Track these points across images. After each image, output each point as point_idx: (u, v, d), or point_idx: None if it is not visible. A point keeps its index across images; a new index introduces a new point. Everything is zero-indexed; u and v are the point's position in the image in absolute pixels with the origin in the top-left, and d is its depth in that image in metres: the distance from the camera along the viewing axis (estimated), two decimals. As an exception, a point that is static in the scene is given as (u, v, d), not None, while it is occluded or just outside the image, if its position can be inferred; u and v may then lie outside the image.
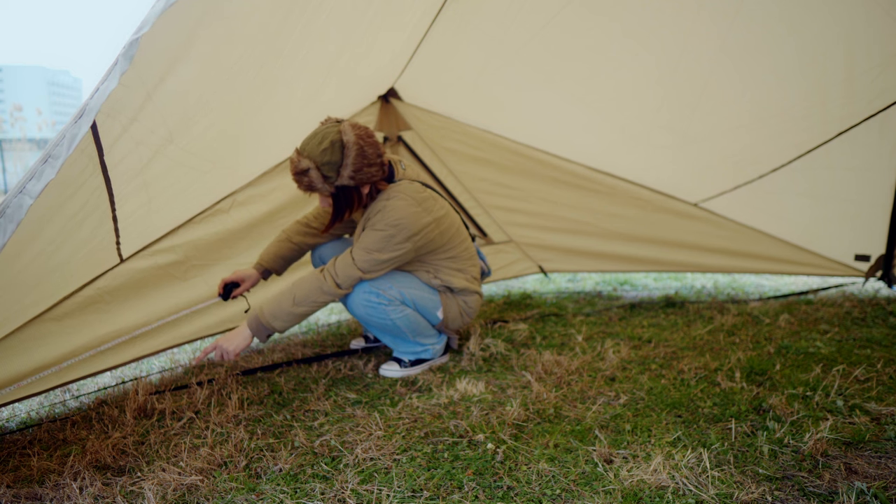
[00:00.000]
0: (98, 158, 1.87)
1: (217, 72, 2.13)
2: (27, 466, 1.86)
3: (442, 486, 1.65)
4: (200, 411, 2.20)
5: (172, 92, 1.96)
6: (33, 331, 2.17)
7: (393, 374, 2.52)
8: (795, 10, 2.63)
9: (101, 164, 1.89)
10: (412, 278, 2.50)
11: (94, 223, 2.06)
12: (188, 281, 2.66)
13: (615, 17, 2.82)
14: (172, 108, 2.03)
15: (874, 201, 3.29)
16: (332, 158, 2.19)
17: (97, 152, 1.85)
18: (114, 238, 2.21)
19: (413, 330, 2.50)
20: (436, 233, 2.42)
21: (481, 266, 2.76)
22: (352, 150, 2.19)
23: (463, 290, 2.57)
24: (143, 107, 1.89)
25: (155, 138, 2.04)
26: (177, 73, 1.90)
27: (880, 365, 2.37)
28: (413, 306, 2.48)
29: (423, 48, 3.03)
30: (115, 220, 2.13)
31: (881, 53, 2.69)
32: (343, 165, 2.20)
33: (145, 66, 1.76)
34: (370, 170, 2.24)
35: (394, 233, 2.28)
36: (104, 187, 1.97)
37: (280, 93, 2.61)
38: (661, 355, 2.60)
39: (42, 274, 1.99)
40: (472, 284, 2.61)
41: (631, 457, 1.75)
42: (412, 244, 2.34)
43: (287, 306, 2.28)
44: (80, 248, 2.08)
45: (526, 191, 3.64)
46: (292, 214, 3.03)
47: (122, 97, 1.79)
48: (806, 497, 1.54)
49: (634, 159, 3.46)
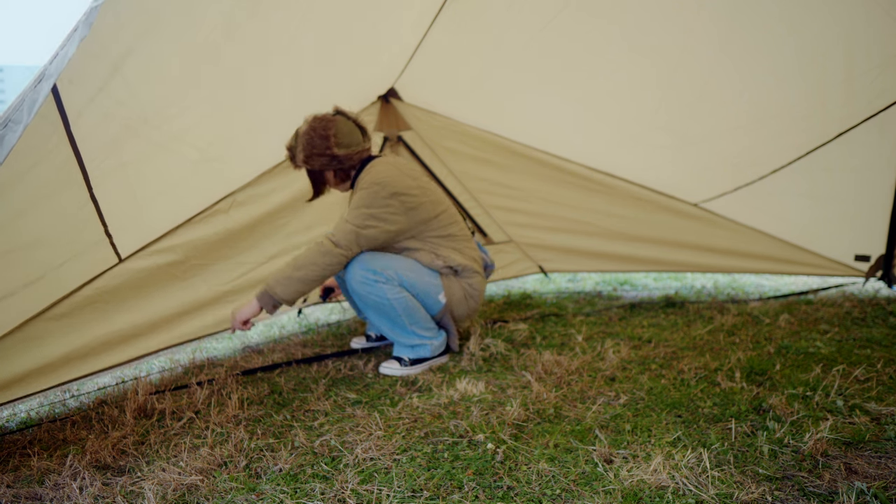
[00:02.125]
0: (64, 128, 1.84)
1: (200, 57, 2.12)
2: (27, 466, 1.86)
3: (442, 486, 1.65)
4: (200, 411, 2.20)
5: (144, 67, 1.94)
6: (32, 330, 2.16)
7: (393, 373, 2.52)
8: (795, 10, 2.63)
9: (68, 134, 1.86)
10: (412, 262, 2.54)
11: (72, 200, 2.03)
12: (187, 281, 2.66)
13: (614, 20, 2.82)
14: (144, 85, 2.00)
15: (874, 201, 3.29)
16: (291, 144, 2.56)
17: (62, 121, 1.82)
18: (101, 227, 2.18)
19: (410, 316, 2.51)
20: (424, 200, 2.53)
21: (483, 258, 2.80)
22: (301, 139, 2.51)
23: (466, 269, 2.61)
24: (110, 77, 1.86)
25: (124, 111, 2.00)
26: (147, 47, 1.89)
27: (880, 365, 2.37)
28: (412, 290, 2.51)
29: (423, 48, 3.03)
30: (96, 202, 2.09)
31: (881, 54, 2.69)
32: (298, 151, 2.53)
33: (109, 35, 1.74)
34: (320, 159, 2.51)
35: (377, 189, 2.44)
36: (74, 160, 1.93)
37: (277, 91, 2.61)
38: (661, 355, 2.60)
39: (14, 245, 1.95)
40: (474, 264, 2.65)
41: (631, 457, 1.75)
42: (399, 203, 2.46)
43: (288, 271, 2.38)
44: (58, 223, 2.04)
45: (526, 191, 3.64)
46: (292, 215, 3.03)
47: (85, 65, 1.76)
48: (806, 497, 1.54)
49: (634, 160, 3.46)
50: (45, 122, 1.78)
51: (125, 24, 1.79)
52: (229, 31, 2.14)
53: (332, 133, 2.49)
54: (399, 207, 2.47)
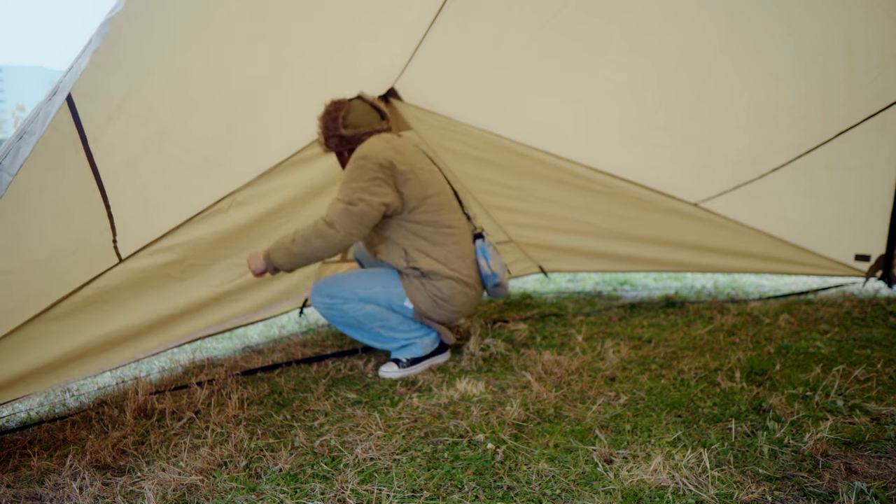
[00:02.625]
0: (81, 143, 1.85)
1: (213, 68, 2.12)
2: (27, 466, 1.86)
3: (442, 486, 1.65)
4: (200, 411, 2.20)
5: (162, 84, 1.95)
6: (32, 331, 2.17)
7: (392, 375, 2.51)
8: (795, 10, 2.63)
9: (86, 150, 1.87)
10: (370, 275, 2.58)
11: (87, 216, 2.04)
12: (186, 281, 2.66)
13: (614, 19, 2.82)
14: (163, 101, 2.01)
15: (874, 201, 3.29)
16: (318, 127, 2.66)
17: (79, 137, 1.83)
18: (111, 235, 2.20)
19: (383, 324, 2.54)
20: (412, 177, 2.48)
21: (483, 266, 2.62)
22: (320, 123, 2.62)
23: (432, 272, 2.50)
24: (129, 95, 1.87)
25: (144, 130, 2.02)
26: (165, 64, 1.89)
27: (880, 365, 2.37)
28: (373, 302, 2.52)
29: (423, 48, 3.03)
30: (111, 218, 2.12)
31: (881, 54, 2.69)
32: (319, 134, 2.64)
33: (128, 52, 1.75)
34: (334, 140, 2.60)
35: (363, 163, 2.43)
36: (92, 176, 1.94)
37: (278, 92, 2.61)
38: (661, 355, 2.60)
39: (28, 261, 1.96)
40: (443, 268, 2.52)
41: (631, 457, 1.75)
42: (385, 176, 2.44)
43: (286, 242, 2.43)
44: (73, 239, 2.05)
45: (526, 191, 3.64)
46: (292, 215, 3.03)
47: (102, 80, 1.77)
48: (806, 497, 1.54)
49: (634, 159, 3.46)
50: (61, 135, 1.79)
51: (143, 40, 1.79)
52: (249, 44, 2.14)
53: (342, 115, 2.57)
54: (385, 179, 2.43)
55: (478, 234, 2.68)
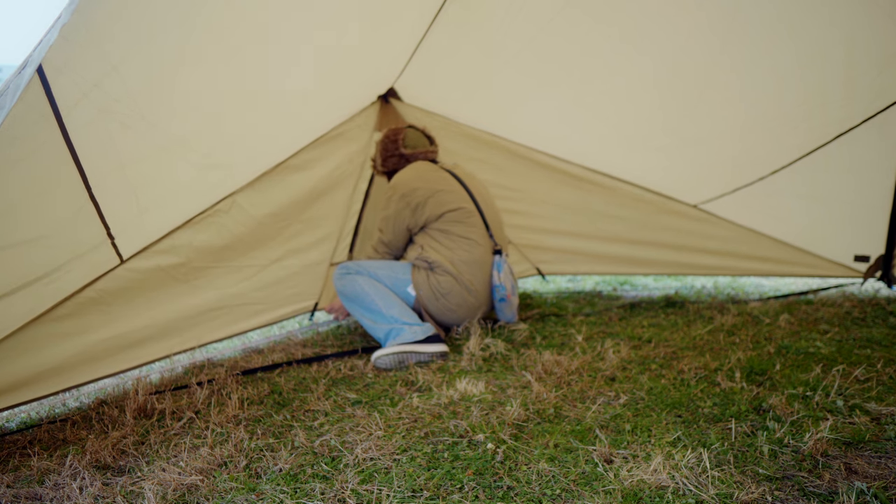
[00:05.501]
0: (56, 120, 1.82)
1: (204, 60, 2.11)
2: (27, 466, 1.86)
3: (442, 486, 1.65)
4: (200, 411, 2.20)
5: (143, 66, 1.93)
6: (33, 333, 2.16)
7: (383, 353, 2.59)
8: (795, 11, 2.63)
9: (61, 127, 1.84)
10: (383, 262, 2.93)
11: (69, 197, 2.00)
12: (190, 283, 2.65)
13: (613, 21, 2.82)
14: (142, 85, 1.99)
15: (873, 202, 3.30)
16: (374, 155, 3.24)
17: (53, 113, 1.80)
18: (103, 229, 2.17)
19: (384, 300, 2.76)
20: (429, 200, 2.88)
21: (495, 275, 2.90)
22: (378, 146, 3.17)
23: (438, 265, 2.81)
24: (106, 74, 1.85)
25: (121, 108, 1.98)
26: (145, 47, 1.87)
27: (880, 365, 2.37)
28: (381, 281, 2.83)
29: (423, 48, 3.03)
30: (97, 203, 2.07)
31: (881, 54, 2.69)
32: (377, 156, 3.19)
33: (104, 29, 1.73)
34: (392, 160, 3.12)
35: (391, 194, 2.94)
36: (68, 153, 1.91)
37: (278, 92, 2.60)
38: (661, 355, 2.60)
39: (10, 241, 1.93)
40: (449, 265, 2.82)
41: (631, 457, 1.75)
42: (405, 204, 2.90)
43: None
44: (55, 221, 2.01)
45: (525, 192, 3.64)
46: (293, 216, 3.03)
47: (75, 55, 1.74)
48: (806, 497, 1.54)
49: (633, 161, 3.46)
50: (33, 110, 1.75)
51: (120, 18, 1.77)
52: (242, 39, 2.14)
53: (401, 137, 3.10)
54: (406, 207, 2.90)
55: (497, 250, 2.97)
